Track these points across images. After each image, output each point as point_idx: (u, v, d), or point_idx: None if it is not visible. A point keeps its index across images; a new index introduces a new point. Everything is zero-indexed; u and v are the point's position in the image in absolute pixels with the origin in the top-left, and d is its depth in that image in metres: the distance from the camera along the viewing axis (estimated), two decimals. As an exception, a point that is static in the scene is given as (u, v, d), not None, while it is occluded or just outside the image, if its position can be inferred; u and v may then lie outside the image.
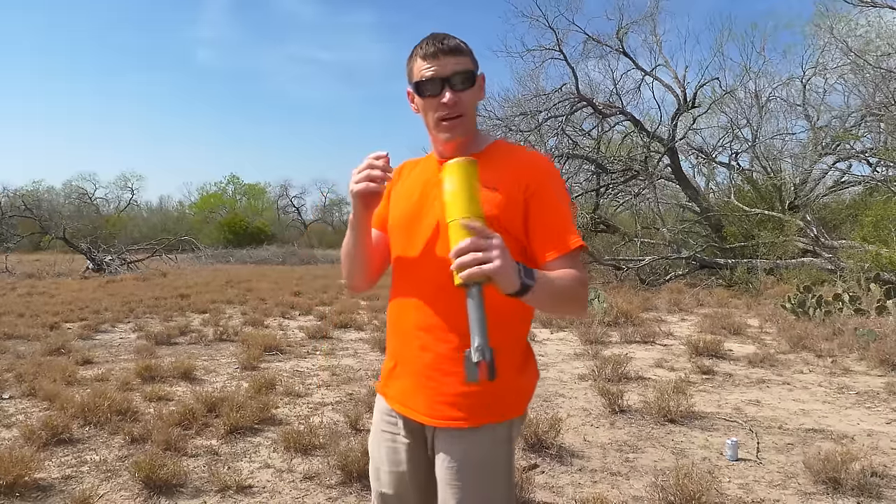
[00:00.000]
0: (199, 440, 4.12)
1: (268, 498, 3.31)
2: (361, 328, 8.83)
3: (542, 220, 1.51)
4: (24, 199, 32.58)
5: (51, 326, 8.53)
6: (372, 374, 5.99)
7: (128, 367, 6.10)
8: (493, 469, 1.53)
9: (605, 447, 4.10)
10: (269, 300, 11.69)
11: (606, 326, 8.61)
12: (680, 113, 17.51)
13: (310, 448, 3.94)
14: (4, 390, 5.21)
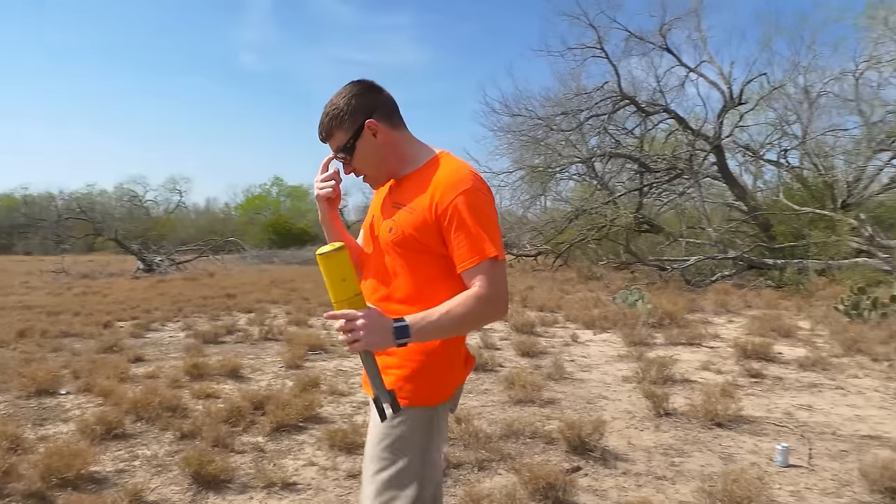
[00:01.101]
0: (245, 437, 4.20)
1: (312, 495, 3.36)
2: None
3: (451, 237, 1.70)
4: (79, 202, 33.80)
5: (104, 325, 8.81)
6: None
7: (177, 364, 6.25)
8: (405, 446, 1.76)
9: (649, 451, 4.04)
10: (313, 300, 11.84)
11: (650, 328, 8.47)
12: (726, 110, 17.12)
13: (353, 447, 3.97)
14: (62, 386, 5.40)
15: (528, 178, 22.25)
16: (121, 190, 48.89)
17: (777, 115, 19.41)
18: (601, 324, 8.95)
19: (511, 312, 10.03)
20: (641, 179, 19.33)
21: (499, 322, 9.33)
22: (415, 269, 1.77)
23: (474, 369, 6.11)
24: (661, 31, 17.68)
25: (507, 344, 7.65)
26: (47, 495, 3.28)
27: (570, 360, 6.77)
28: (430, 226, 1.71)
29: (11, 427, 4.10)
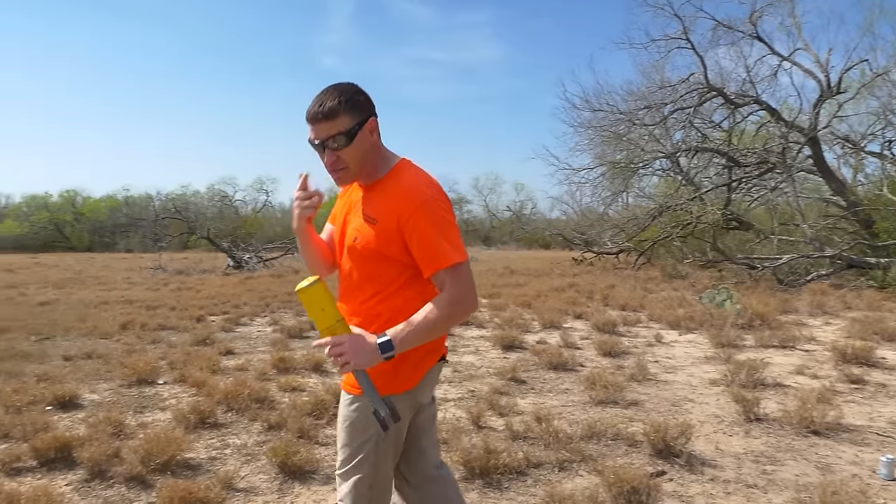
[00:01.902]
0: (329, 430, 4.31)
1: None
2: (483, 325, 8.89)
3: (415, 245, 1.79)
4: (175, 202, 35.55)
5: (197, 319, 9.25)
6: (493, 372, 6.01)
7: (264, 358, 6.49)
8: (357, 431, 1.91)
9: (739, 457, 3.87)
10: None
11: (740, 329, 8.13)
12: (823, 99, 16.17)
13: (433, 443, 4.01)
14: (160, 376, 5.71)
15: (610, 174, 21.81)
16: (212, 190, 51.26)
17: (880, 103, 18.13)
18: (687, 324, 8.65)
19: (592, 311, 9.86)
20: (730, 174, 18.57)
21: (578, 321, 9.19)
22: (381, 275, 1.87)
23: (553, 368, 6.05)
24: (751, 18, 16.88)
25: (587, 343, 7.52)
26: (147, 479, 3.47)
27: (653, 360, 6.58)
28: (393, 236, 1.81)
29: (115, 413, 4.37)
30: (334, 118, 1.79)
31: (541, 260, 27.22)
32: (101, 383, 5.57)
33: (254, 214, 50.49)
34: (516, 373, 5.87)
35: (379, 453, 1.94)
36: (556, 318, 9.11)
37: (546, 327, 8.73)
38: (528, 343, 7.46)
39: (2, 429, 4.13)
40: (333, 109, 1.79)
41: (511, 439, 4.10)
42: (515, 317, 9.30)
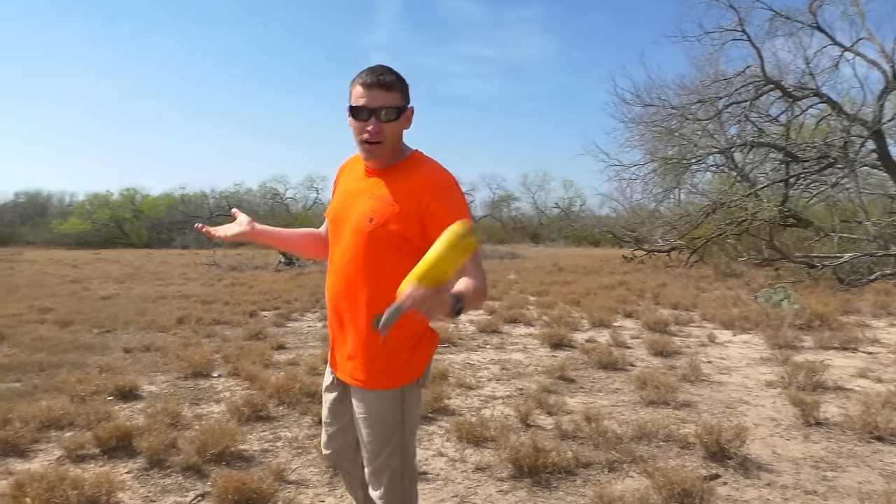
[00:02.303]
0: (378, 425, 4.35)
1: (441, 485, 3.42)
2: (531, 323, 8.84)
3: (436, 230, 1.72)
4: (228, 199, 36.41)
5: (250, 314, 9.46)
6: (542, 370, 5.97)
7: (315, 353, 6.59)
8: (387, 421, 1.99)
9: (797, 462, 3.75)
10: (441, 294, 12.05)
11: (798, 330, 7.87)
12: (888, 91, 15.47)
13: (481, 440, 4.01)
14: (214, 369, 5.86)
15: (661, 170, 21.39)
16: (264, 188, 52.41)
17: (950, 95, 17.29)
18: (741, 324, 8.42)
19: (642, 309, 9.69)
20: (787, 170, 17.97)
21: (629, 320, 9.05)
22: (390, 255, 1.90)
23: (602, 367, 5.98)
24: (810, 8, 16.28)
25: (638, 342, 7.40)
26: (202, 469, 3.57)
27: (706, 361, 6.43)
28: (411, 217, 1.87)
29: (172, 405, 4.51)
30: (392, 91, 1.88)
31: (590, 257, 26.90)
32: (159, 375, 5.75)
33: (304, 212, 51.30)
34: (565, 371, 5.82)
35: (405, 443, 2.02)
36: (606, 316, 8.99)
37: (595, 326, 8.62)
38: (576, 341, 7.38)
39: (67, 417, 4.31)
40: (393, 83, 1.89)
41: (560, 438, 4.06)
42: (564, 315, 9.21)
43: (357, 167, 2.08)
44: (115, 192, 47.37)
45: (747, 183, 18.64)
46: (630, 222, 26.71)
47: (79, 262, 22.24)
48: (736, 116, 18.32)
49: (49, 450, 3.88)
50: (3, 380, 5.53)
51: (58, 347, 6.82)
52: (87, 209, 46.18)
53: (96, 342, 7.21)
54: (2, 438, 3.85)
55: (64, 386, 5.09)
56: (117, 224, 44.74)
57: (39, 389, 5.16)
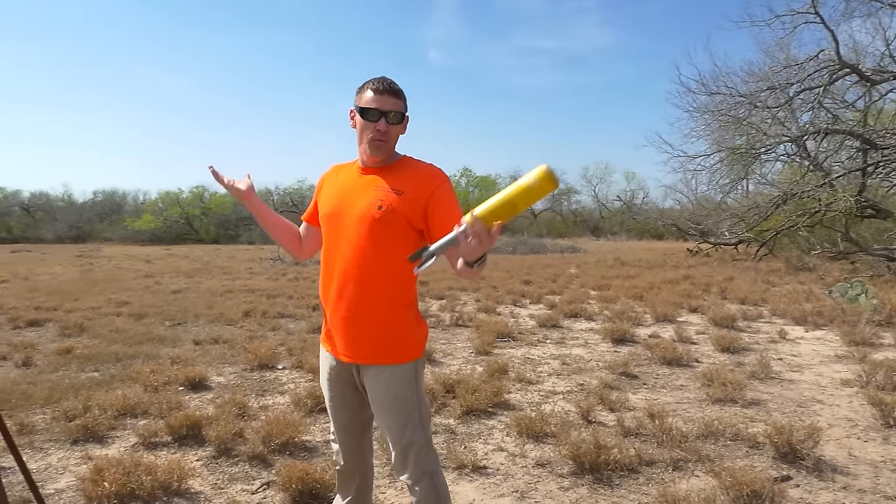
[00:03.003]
0: (438, 418, 4.38)
1: (501, 480, 3.41)
2: (592, 318, 8.71)
3: (441, 211, 2.08)
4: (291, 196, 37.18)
5: (313, 308, 9.66)
6: (603, 366, 5.88)
7: (376, 346, 6.67)
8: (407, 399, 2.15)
9: (876, 465, 3.57)
10: (501, 288, 12.03)
11: (876, 326, 7.49)
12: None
13: (541, 435, 3.98)
14: (279, 362, 6.01)
15: (729, 160, 20.70)
16: (325, 185, 53.12)
17: None
18: (814, 320, 8.09)
19: (708, 304, 9.42)
20: (865, 158, 17.10)
21: (694, 315, 8.81)
22: (395, 240, 2.10)
23: (666, 363, 5.83)
24: (891, -13, 15.44)
25: (703, 338, 7.19)
26: (267, 458, 3.66)
27: (777, 358, 6.20)
28: (419, 205, 2.09)
29: (239, 396, 4.65)
30: (399, 98, 2.13)
31: (653, 251, 26.31)
32: (227, 367, 5.94)
33: (364, 207, 51.94)
34: (628, 367, 5.71)
35: (423, 417, 2.19)
36: (670, 311, 8.78)
37: (659, 321, 8.43)
38: (639, 337, 7.24)
39: (141, 406, 4.50)
40: (400, 92, 2.14)
41: (622, 435, 3.99)
42: (626, 309, 9.04)
43: (346, 171, 2.29)
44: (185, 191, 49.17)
45: (821, 172, 17.83)
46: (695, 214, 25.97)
47: (151, 258, 23.17)
48: (808, 103, 17.57)
49: (125, 437, 4.05)
50: (83, 369, 5.82)
51: (133, 339, 7.13)
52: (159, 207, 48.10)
53: (168, 334, 7.50)
54: (82, 425, 4.05)
55: (138, 376, 5.32)
56: (187, 221, 46.41)
57: (116, 379, 5.40)
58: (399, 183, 2.12)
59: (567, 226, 49.91)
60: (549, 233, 43.00)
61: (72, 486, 3.32)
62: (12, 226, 48.98)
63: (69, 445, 3.91)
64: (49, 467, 3.58)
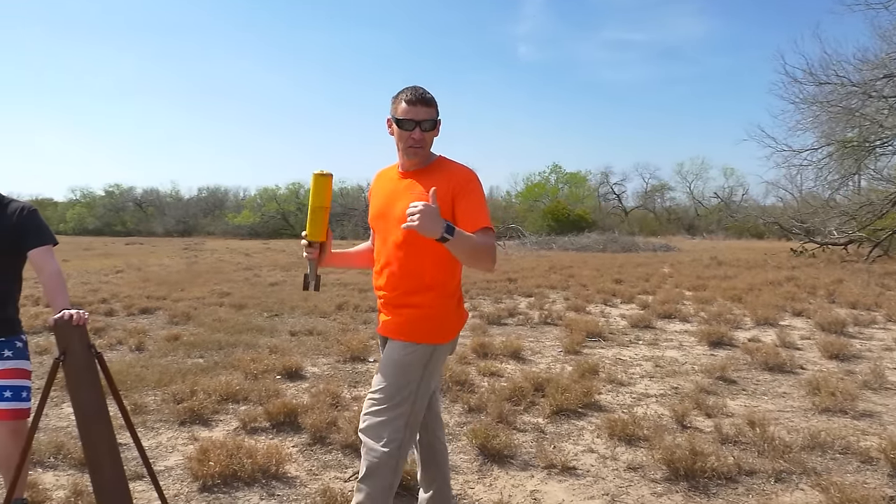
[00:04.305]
0: (526, 417, 4.36)
1: (591, 482, 3.35)
2: (687, 319, 8.42)
3: (464, 207, 2.28)
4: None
5: (403, 302, 9.81)
6: (699, 369, 5.67)
7: (464, 342, 6.71)
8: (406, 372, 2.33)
9: None
10: (591, 287, 11.82)
11: None
12: None
13: (633, 438, 3.88)
14: (370, 354, 6.16)
15: (839, 154, 19.46)
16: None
17: None
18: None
19: (814, 308, 8.90)
20: None
21: (798, 318, 8.36)
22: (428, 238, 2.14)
23: (768, 368, 5.56)
24: None
25: (809, 343, 6.80)
26: (360, 448, 3.75)
27: (893, 367, 5.78)
28: (447, 203, 2.28)
29: (333, 386, 4.79)
30: (432, 107, 2.33)
31: (752, 250, 25.11)
32: (321, 358, 6.13)
33: (453, 203, 52.30)
34: (725, 371, 5.48)
35: (418, 395, 2.34)
36: (772, 314, 8.35)
37: (759, 324, 8.04)
38: (738, 340, 6.93)
39: (242, 392, 4.72)
40: (433, 100, 2.34)
41: (719, 442, 3.84)
42: (724, 311, 8.68)
43: (388, 176, 2.52)
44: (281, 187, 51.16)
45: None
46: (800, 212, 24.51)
47: (251, 251, 24.26)
48: (932, 92, 16.24)
49: (227, 420, 4.27)
50: (190, 355, 6.17)
51: (234, 328, 7.50)
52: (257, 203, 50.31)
53: (266, 325, 7.83)
54: (188, 408, 4.30)
55: (239, 364, 5.59)
56: (283, 216, 48.30)
57: (219, 366, 5.70)
58: (430, 185, 2.27)
59: (660, 224, 48.35)
60: (640, 231, 41.84)
61: (180, 464, 3.53)
62: (127, 220, 52.62)
63: (177, 426, 4.16)
64: (160, 446, 3.82)
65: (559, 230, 35.94)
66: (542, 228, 36.95)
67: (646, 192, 55.74)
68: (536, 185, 53.45)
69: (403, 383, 2.32)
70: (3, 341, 2.71)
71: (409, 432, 2.33)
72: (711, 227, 45.98)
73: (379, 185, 2.56)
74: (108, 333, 7.18)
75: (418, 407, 2.35)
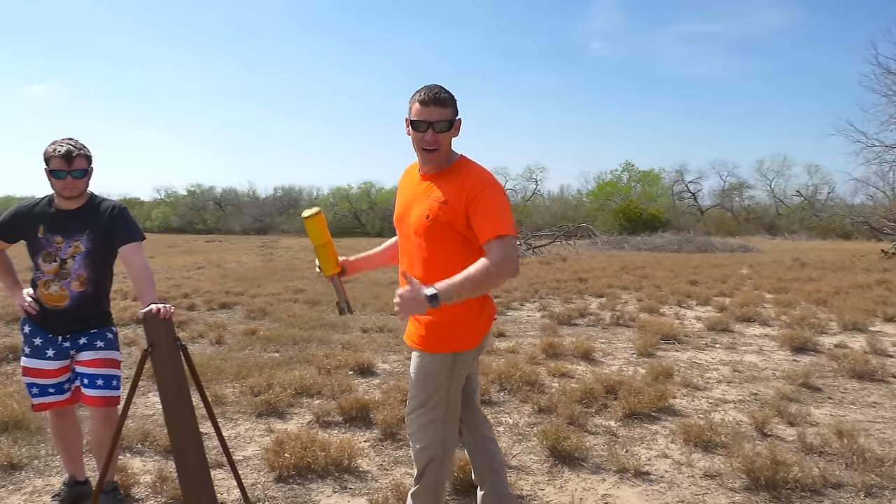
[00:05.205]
0: (598, 419, 4.29)
1: (666, 488, 3.27)
2: (767, 323, 8.08)
3: (478, 216, 2.21)
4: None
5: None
6: (781, 375, 5.43)
7: (534, 342, 6.67)
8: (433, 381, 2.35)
9: None
10: (665, 288, 11.51)
11: None
12: None
13: (710, 445, 3.76)
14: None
15: (936, 151, 18.24)
16: (486, 180, 53.97)
17: None
18: None
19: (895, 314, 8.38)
20: None
21: (890, 324, 7.90)
22: (445, 245, 2.28)
23: (856, 376, 5.29)
24: None
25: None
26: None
27: None
28: (460, 211, 2.24)
29: (403, 383, 4.84)
30: (445, 107, 2.26)
31: (838, 251, 23.86)
32: (391, 355, 6.21)
33: (523, 202, 52.08)
34: (809, 378, 5.24)
35: (449, 398, 2.38)
36: (861, 319, 7.92)
37: (847, 329, 7.64)
38: (823, 346, 6.61)
39: (315, 387, 4.84)
40: (446, 100, 2.27)
41: (803, 452, 3.67)
42: (807, 315, 8.28)
43: (412, 174, 2.48)
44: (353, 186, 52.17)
45: None
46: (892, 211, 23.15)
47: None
48: None
49: (301, 414, 4.39)
50: (266, 349, 6.37)
51: (307, 324, 7.69)
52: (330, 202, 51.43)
53: (338, 321, 7.99)
54: (265, 400, 4.44)
55: (313, 359, 5.73)
56: (355, 215, 49.24)
57: (293, 360, 5.86)
58: (447, 192, 2.29)
59: (738, 223, 46.55)
60: (717, 231, 40.46)
61: (257, 454, 3.65)
62: (207, 218, 54.80)
63: (254, 418, 4.30)
64: (238, 436, 3.96)
65: (631, 230, 35.20)
66: (614, 228, 36.28)
67: (723, 191, 53.74)
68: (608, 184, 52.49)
69: (432, 391, 2.36)
70: (95, 332, 2.87)
71: (448, 430, 2.40)
72: (793, 227, 43.97)
73: (403, 182, 2.55)
74: (190, 327, 7.50)
75: (452, 408, 2.40)
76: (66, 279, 2.79)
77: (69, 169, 2.72)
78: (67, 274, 2.79)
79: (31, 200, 2.91)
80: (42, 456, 3.62)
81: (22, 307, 2.86)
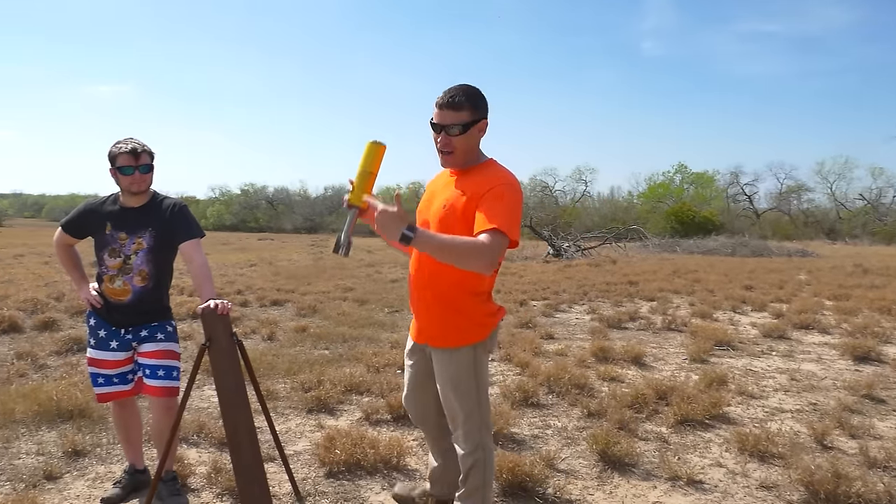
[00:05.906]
0: (649, 425, 4.21)
1: (719, 498, 3.19)
2: (826, 331, 7.80)
3: (483, 207, 2.22)
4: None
5: (520, 303, 9.79)
6: (841, 386, 5.24)
7: (583, 345, 6.59)
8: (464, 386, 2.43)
9: None
10: (718, 292, 11.23)
11: None
12: None
13: (767, 455, 3.65)
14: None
15: None
16: (534, 181, 53.85)
17: None
18: None
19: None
20: None
21: None
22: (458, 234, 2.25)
23: None
24: None
25: (974, 363, 6.10)
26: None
27: None
28: (474, 204, 2.26)
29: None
30: (459, 111, 2.29)
31: (905, 258, 22.86)
32: (440, 354, 6.22)
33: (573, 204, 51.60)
34: (872, 389, 5.03)
35: (479, 397, 2.45)
36: (929, 329, 7.57)
37: (913, 339, 7.32)
38: (888, 355, 6.34)
39: (364, 384, 4.89)
40: (462, 104, 2.28)
41: (866, 466, 3.53)
42: (870, 323, 7.96)
43: (445, 172, 2.53)
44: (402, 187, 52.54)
45: None
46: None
47: (372, 249, 25.03)
48: None
49: (351, 411, 4.44)
50: (316, 346, 6.47)
51: (357, 322, 7.78)
52: (379, 202, 51.95)
53: (387, 320, 8.07)
54: (315, 396, 4.51)
55: (362, 357, 5.80)
56: (403, 215, 49.61)
57: (343, 358, 5.94)
58: (469, 186, 2.33)
59: (796, 227, 45.11)
60: (774, 234, 39.27)
61: (308, 449, 3.71)
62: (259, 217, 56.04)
63: (305, 413, 4.37)
64: (289, 431, 4.04)
65: (683, 232, 34.41)
66: (666, 230, 35.56)
67: (780, 194, 52.19)
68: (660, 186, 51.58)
69: (464, 397, 2.43)
70: (156, 325, 2.97)
71: (484, 430, 2.48)
72: (855, 232, 42.33)
73: (436, 178, 2.61)
74: (243, 323, 7.67)
75: (484, 408, 2.48)
76: (129, 274, 2.89)
77: (136, 164, 2.82)
78: (130, 269, 2.89)
79: (99, 198, 3.03)
80: (104, 444, 3.76)
81: (87, 300, 2.98)
